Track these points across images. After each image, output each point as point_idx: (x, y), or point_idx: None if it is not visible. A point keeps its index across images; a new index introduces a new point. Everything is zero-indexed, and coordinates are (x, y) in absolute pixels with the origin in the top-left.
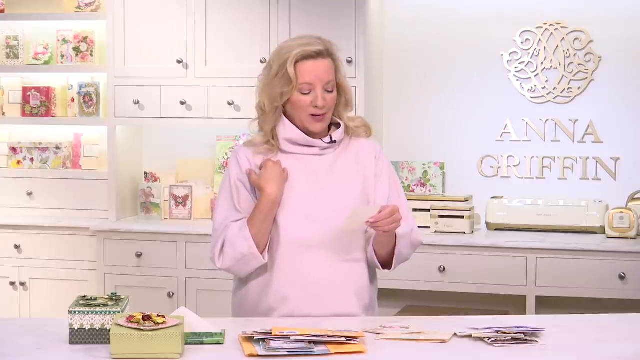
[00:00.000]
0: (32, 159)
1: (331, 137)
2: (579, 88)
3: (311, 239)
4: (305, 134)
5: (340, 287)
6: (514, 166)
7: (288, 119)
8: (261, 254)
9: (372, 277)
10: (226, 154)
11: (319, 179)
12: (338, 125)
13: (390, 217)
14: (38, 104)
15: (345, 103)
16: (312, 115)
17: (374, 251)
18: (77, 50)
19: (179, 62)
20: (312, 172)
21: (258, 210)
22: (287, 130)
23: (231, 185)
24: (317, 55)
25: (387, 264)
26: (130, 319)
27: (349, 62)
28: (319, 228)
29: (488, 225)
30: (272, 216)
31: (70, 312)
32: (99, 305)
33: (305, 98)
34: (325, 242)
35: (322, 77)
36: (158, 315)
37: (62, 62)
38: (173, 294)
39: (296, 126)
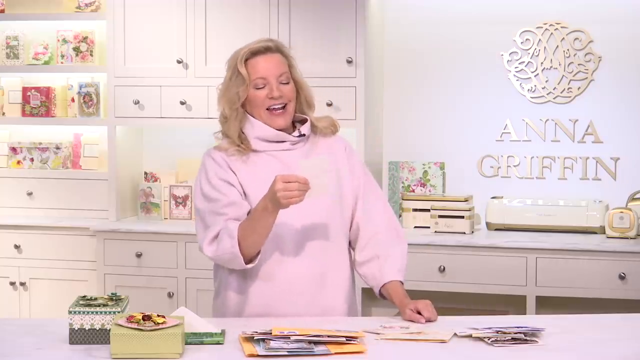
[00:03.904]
0: (32, 159)
1: (300, 132)
2: (579, 88)
3: (289, 233)
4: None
5: (320, 280)
6: (514, 166)
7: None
8: (250, 261)
9: (351, 268)
10: None
11: (295, 171)
12: (303, 121)
13: (428, 307)
14: (38, 104)
15: (306, 102)
16: (270, 110)
17: (381, 293)
18: (77, 50)
19: (179, 62)
20: (286, 167)
21: (253, 218)
22: (255, 128)
23: (212, 183)
24: (266, 50)
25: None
26: (130, 319)
27: (349, 62)
28: (297, 223)
29: (488, 225)
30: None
31: (70, 312)
32: (99, 305)
33: (261, 92)
34: (304, 235)
35: (273, 70)
36: (158, 315)
37: (62, 62)
38: (173, 294)
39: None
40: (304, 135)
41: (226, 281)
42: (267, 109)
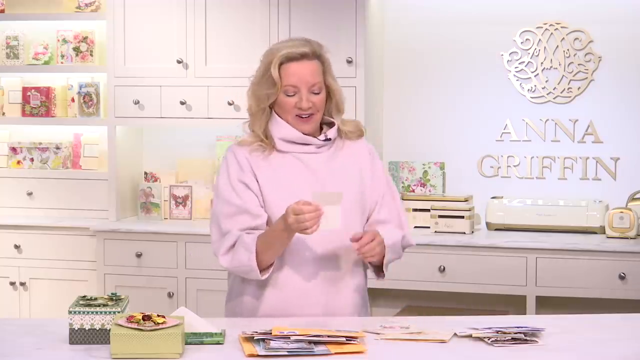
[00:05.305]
0: (32, 159)
1: (326, 136)
2: (579, 88)
3: (307, 241)
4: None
5: (334, 288)
6: (514, 166)
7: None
8: (263, 271)
9: (365, 275)
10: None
11: (319, 176)
12: (331, 124)
13: (371, 241)
14: (38, 104)
15: (336, 107)
16: (298, 116)
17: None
18: (77, 50)
19: (179, 62)
20: (311, 170)
21: (272, 233)
22: (281, 129)
23: (232, 185)
24: (302, 57)
25: (379, 270)
26: (130, 319)
27: (349, 62)
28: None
29: (488, 225)
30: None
31: (70, 312)
32: (99, 305)
33: (290, 100)
34: (322, 243)
35: (306, 79)
36: (158, 315)
37: (62, 62)
38: (173, 294)
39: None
40: (329, 139)
41: (240, 285)
42: (295, 115)
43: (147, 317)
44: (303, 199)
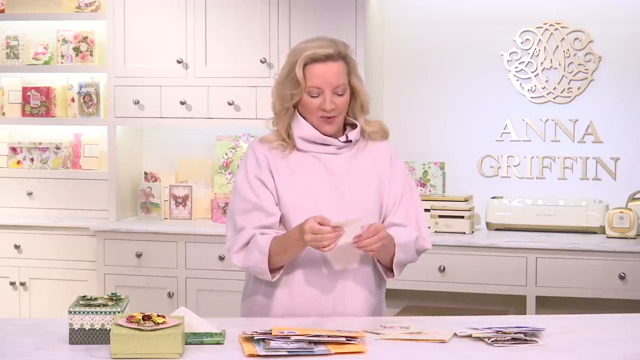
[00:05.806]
0: (32, 159)
1: (347, 137)
2: (579, 88)
3: None
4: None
5: (347, 291)
6: (514, 166)
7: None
8: (274, 272)
9: (380, 278)
10: (226, 154)
11: (337, 177)
12: (354, 126)
13: (374, 234)
14: (38, 104)
15: (360, 107)
16: (322, 117)
17: (378, 260)
18: (77, 50)
19: (179, 62)
20: (330, 171)
21: (288, 240)
22: (302, 129)
23: (250, 182)
24: (327, 58)
25: (390, 271)
26: (130, 319)
27: None
28: None
29: (488, 225)
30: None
31: (70, 312)
32: (99, 305)
33: (314, 101)
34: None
35: (331, 80)
36: (158, 315)
37: (62, 62)
38: (173, 294)
39: (312, 125)
40: (349, 141)
41: (254, 284)
42: (319, 116)
43: (147, 317)
44: (319, 209)
